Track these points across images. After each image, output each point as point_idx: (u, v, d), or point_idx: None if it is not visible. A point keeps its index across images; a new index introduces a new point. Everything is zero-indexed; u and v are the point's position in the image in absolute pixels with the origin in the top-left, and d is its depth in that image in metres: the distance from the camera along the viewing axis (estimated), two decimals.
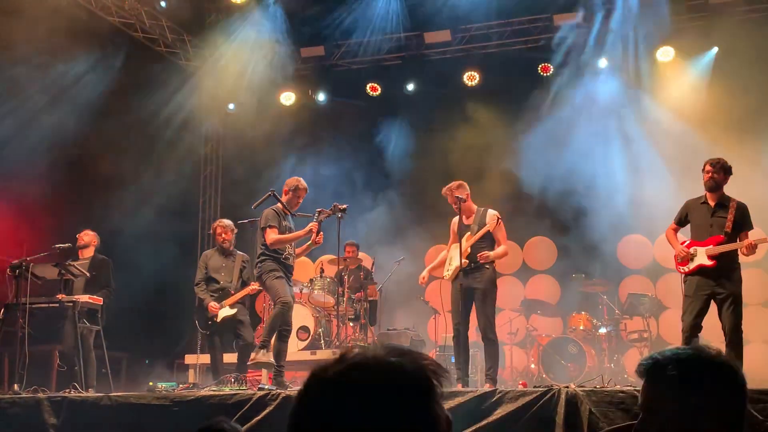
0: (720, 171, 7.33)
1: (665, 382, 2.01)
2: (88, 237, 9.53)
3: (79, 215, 10.10)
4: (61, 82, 10.75)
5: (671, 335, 10.45)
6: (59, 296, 8.76)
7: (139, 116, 11.94)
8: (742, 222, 7.27)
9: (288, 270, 8.16)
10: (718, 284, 7.17)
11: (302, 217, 8.44)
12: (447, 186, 8.23)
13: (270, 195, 8.27)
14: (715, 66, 11.85)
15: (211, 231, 9.84)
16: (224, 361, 9.35)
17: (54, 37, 10.19)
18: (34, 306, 8.58)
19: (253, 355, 7.97)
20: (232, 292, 9.20)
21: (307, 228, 8.07)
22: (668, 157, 11.37)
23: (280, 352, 8.02)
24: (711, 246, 7.21)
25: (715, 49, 11.84)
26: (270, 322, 8.01)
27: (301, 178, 8.39)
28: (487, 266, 8.04)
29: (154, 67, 12.46)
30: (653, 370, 2.05)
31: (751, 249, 7.14)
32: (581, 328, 10.67)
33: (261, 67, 13.19)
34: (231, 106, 14.11)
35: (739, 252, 7.24)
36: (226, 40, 12.91)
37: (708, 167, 7.39)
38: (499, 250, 8.03)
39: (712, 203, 7.38)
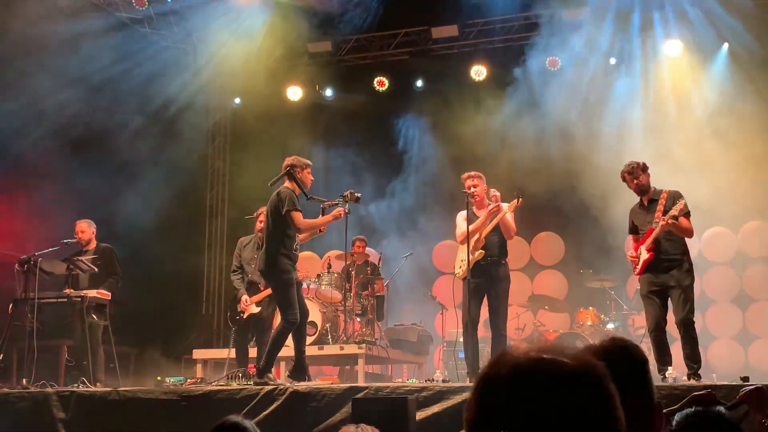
0: (639, 173, 7.42)
1: None
2: (86, 233, 9.43)
3: (86, 211, 10.11)
4: (66, 80, 10.74)
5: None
6: (67, 291, 8.79)
7: (146, 112, 11.96)
8: (674, 207, 7.28)
9: (295, 262, 7.81)
10: (667, 277, 7.23)
11: (316, 201, 8.08)
12: (472, 174, 8.15)
13: (287, 173, 7.81)
14: (727, 61, 11.80)
15: (255, 215, 9.57)
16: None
17: (60, 31, 10.21)
18: (42, 301, 8.61)
19: (259, 380, 7.47)
20: (261, 288, 9.17)
21: (336, 212, 7.82)
22: (678, 153, 11.33)
23: (301, 338, 7.80)
24: (648, 239, 7.30)
25: (726, 45, 11.78)
26: (275, 341, 7.62)
27: None
28: (503, 261, 8.06)
29: (161, 62, 12.46)
30: None
31: (677, 228, 7.15)
32: (589, 323, 10.66)
33: (267, 62, 13.18)
34: (237, 100, 14.13)
35: (686, 242, 7.30)
36: (233, 35, 12.89)
37: (627, 176, 7.48)
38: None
39: (645, 202, 7.54)
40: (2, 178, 10.40)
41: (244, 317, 9.15)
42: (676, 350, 7.28)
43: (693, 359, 6.99)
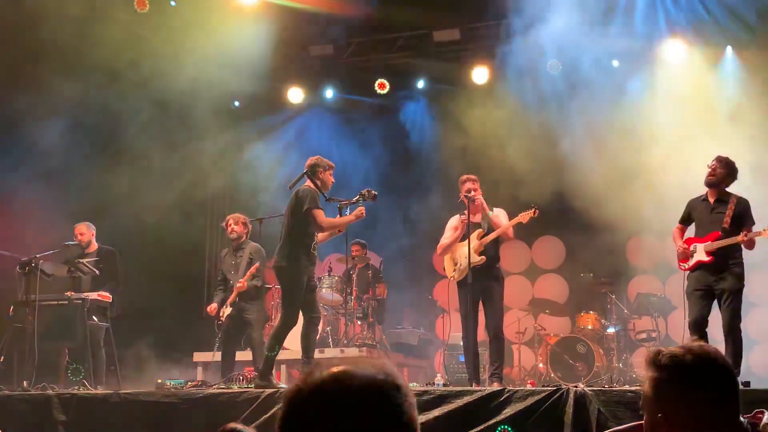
0: (724, 167, 7.36)
1: (677, 385, 2.03)
2: (85, 235, 9.44)
3: (86, 213, 10.11)
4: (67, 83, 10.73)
5: (680, 335, 10.42)
6: (68, 293, 8.79)
7: (145, 114, 11.92)
8: (743, 217, 7.25)
9: (313, 263, 7.76)
10: (717, 280, 7.21)
11: (334, 201, 7.97)
12: (472, 177, 8.16)
13: (309, 172, 7.73)
14: (734, 63, 11.77)
15: (223, 225, 9.60)
16: (236, 359, 9.33)
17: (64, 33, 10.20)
18: (43, 303, 8.61)
19: (260, 382, 7.47)
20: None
21: (357, 211, 7.72)
22: (679, 157, 11.33)
23: (309, 343, 7.70)
24: (709, 242, 7.25)
25: (729, 48, 11.76)
26: (270, 340, 7.57)
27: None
28: (497, 265, 8.09)
29: (159, 64, 12.42)
30: (671, 372, 2.07)
31: (750, 244, 7.15)
32: (590, 327, 10.65)
33: (269, 64, 13.17)
34: (236, 103, 14.12)
35: (743, 248, 7.24)
36: (231, 37, 12.88)
37: (713, 162, 7.42)
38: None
39: (711, 200, 7.43)
40: (0, 177, 10.41)
41: (224, 319, 9.12)
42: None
43: (734, 362, 6.95)
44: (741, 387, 6.00)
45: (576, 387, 5.96)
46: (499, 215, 8.16)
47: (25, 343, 8.28)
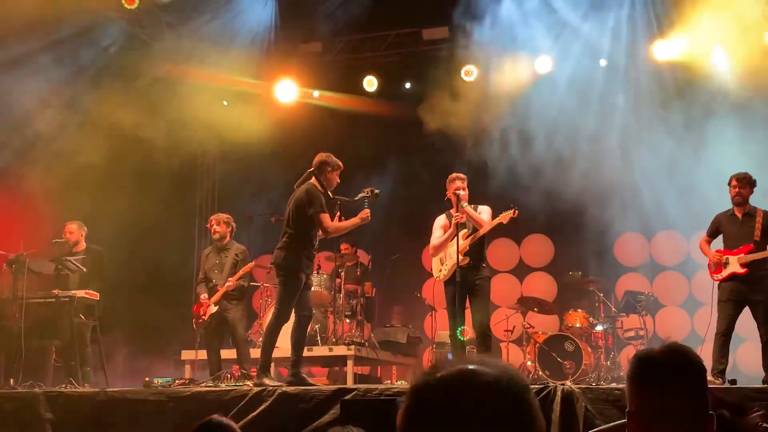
0: (746, 185, 7.76)
1: (648, 381, 2.09)
2: (75, 234, 9.40)
3: (77, 211, 10.05)
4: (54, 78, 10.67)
5: (667, 333, 10.46)
6: (56, 291, 8.75)
7: (132, 113, 11.87)
8: None
9: (312, 261, 7.72)
10: (751, 291, 7.58)
11: (338, 200, 7.79)
12: (461, 176, 8.16)
13: (317, 169, 7.55)
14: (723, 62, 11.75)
15: (208, 225, 9.67)
16: (222, 357, 9.33)
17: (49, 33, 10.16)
18: (30, 301, 8.56)
19: (256, 380, 7.52)
20: (218, 288, 9.18)
21: (363, 214, 7.60)
22: (666, 156, 11.37)
23: (298, 341, 7.66)
24: (742, 254, 7.62)
25: (718, 46, 11.76)
26: (265, 336, 7.61)
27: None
28: (484, 264, 8.10)
29: (150, 63, 12.39)
30: (643, 369, 2.13)
31: None
32: (577, 325, 10.68)
33: (259, 61, 13.14)
34: (224, 102, 14.06)
35: None
36: (224, 35, 12.85)
37: (734, 182, 7.81)
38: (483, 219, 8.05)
39: (739, 214, 7.83)
40: None
41: (206, 318, 9.14)
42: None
43: None
44: (727, 384, 6.07)
45: (563, 385, 5.98)
46: (483, 213, 8.15)
47: (11, 340, 8.25)
